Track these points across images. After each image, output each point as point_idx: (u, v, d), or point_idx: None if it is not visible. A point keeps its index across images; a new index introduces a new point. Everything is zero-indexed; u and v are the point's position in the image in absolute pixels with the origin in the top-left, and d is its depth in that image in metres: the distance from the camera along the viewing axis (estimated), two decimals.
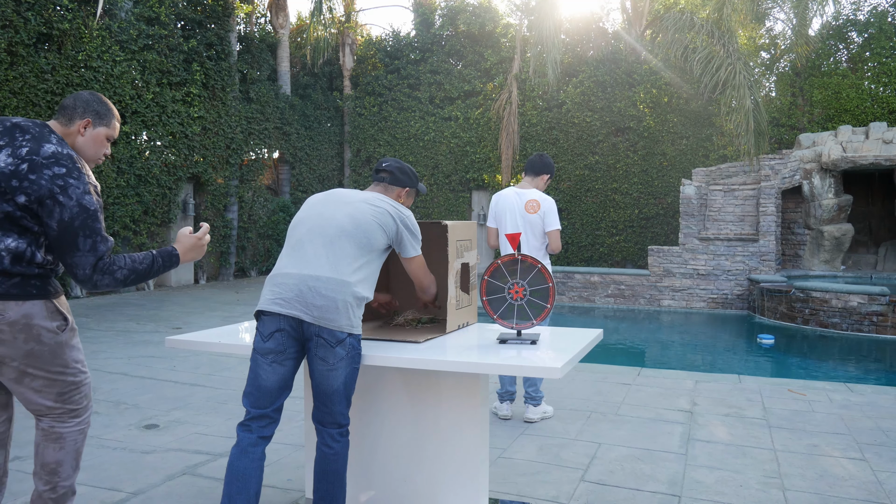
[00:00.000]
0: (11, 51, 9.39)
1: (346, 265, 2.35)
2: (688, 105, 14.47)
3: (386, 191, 2.68)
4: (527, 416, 4.32)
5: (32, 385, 2.14)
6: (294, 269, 2.36)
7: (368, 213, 2.45)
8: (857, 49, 14.04)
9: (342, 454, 2.41)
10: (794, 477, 3.37)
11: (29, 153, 2.06)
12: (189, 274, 13.27)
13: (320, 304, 2.27)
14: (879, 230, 12.70)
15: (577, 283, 12.03)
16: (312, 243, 2.40)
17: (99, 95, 2.29)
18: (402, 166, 2.73)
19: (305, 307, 2.28)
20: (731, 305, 11.27)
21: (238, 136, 13.98)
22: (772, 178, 11.45)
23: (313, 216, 2.49)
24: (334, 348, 2.28)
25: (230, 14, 13.73)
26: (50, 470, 2.20)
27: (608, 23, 17.51)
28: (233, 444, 3.83)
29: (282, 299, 2.31)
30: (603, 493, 3.15)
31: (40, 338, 2.10)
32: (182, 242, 2.37)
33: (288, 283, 2.34)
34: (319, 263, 2.35)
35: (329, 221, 2.44)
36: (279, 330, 2.31)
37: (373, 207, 2.47)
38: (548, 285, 2.51)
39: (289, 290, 2.32)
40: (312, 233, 2.43)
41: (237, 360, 6.13)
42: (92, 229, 2.09)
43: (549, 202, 4.35)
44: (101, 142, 2.27)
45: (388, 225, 2.46)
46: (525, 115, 15.70)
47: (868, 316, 8.73)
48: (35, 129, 2.13)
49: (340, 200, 2.52)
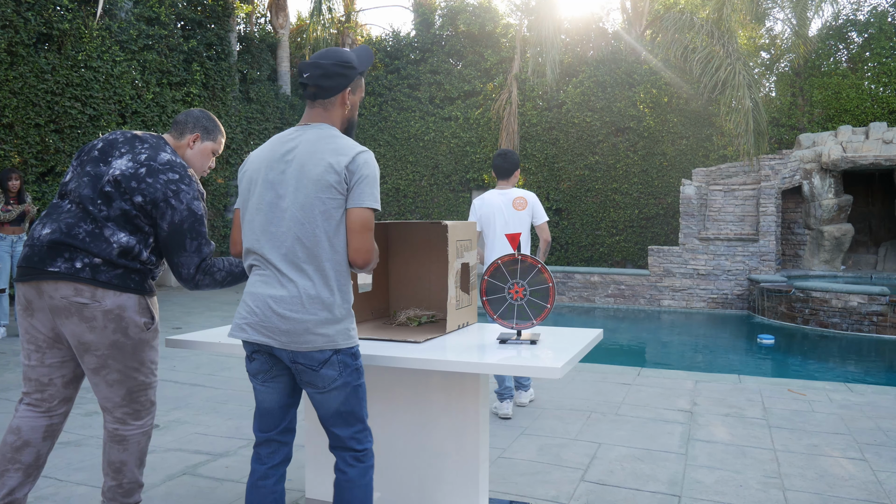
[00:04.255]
0: (11, 51, 9.39)
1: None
2: (688, 105, 14.47)
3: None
4: (518, 401, 4.61)
5: (108, 377, 2.26)
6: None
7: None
8: (857, 49, 14.04)
9: (358, 482, 2.07)
10: (794, 477, 3.37)
11: (147, 159, 2.28)
12: None
13: (285, 329, 1.97)
14: (879, 230, 12.70)
15: (577, 283, 12.03)
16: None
17: (208, 113, 2.51)
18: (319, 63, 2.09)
19: (270, 332, 1.98)
20: (731, 305, 11.27)
21: (238, 136, 13.98)
22: (772, 178, 11.45)
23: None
24: (318, 371, 1.99)
25: (230, 14, 13.73)
26: (115, 468, 2.34)
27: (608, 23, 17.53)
28: (232, 443, 3.84)
29: (246, 324, 2.04)
30: (603, 493, 3.15)
31: (127, 331, 2.24)
32: None
33: (248, 302, 2.05)
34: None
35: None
36: (256, 351, 2.08)
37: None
38: (548, 285, 2.51)
39: (251, 313, 2.03)
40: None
41: (237, 360, 6.13)
42: (198, 232, 2.29)
43: (533, 197, 4.56)
44: (207, 155, 2.51)
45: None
46: (525, 115, 15.69)
47: (868, 316, 8.73)
48: (152, 140, 2.35)
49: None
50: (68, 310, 2.17)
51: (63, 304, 2.17)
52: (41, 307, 2.22)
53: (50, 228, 2.20)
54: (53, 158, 10.01)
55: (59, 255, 2.17)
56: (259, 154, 2.12)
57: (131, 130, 2.36)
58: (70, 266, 2.16)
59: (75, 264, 2.16)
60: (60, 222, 2.21)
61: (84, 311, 2.17)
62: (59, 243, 2.18)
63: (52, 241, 2.18)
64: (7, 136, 9.36)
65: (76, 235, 2.18)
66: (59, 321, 2.20)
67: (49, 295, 2.18)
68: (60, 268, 2.15)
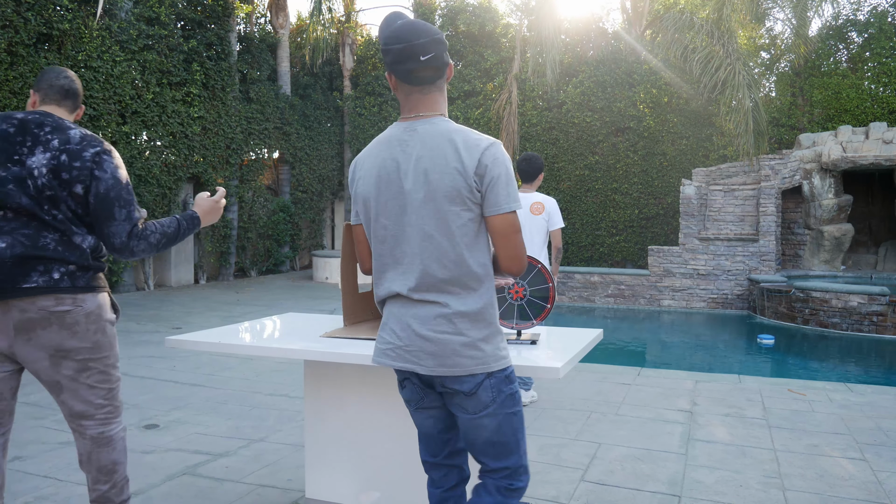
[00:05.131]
0: (11, 51, 9.39)
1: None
2: (688, 105, 14.47)
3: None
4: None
5: (89, 380, 2.23)
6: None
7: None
8: (857, 49, 14.04)
9: None
10: (794, 477, 3.37)
11: (61, 143, 2.17)
12: (189, 274, 13.27)
13: (431, 351, 1.78)
14: (879, 230, 12.69)
15: (577, 283, 12.03)
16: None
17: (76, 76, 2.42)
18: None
19: (416, 357, 1.80)
20: (731, 305, 11.27)
21: (238, 136, 13.98)
22: (772, 178, 11.45)
23: None
24: (470, 397, 1.79)
25: (230, 14, 13.73)
26: (108, 471, 2.33)
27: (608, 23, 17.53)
28: (232, 443, 3.84)
29: (390, 349, 1.84)
30: (603, 493, 3.15)
31: (105, 329, 2.24)
32: (200, 206, 2.45)
33: (390, 325, 1.87)
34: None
35: None
36: (406, 378, 1.90)
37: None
38: (548, 285, 2.51)
39: (395, 337, 1.84)
40: None
41: (237, 360, 6.13)
42: (126, 200, 2.21)
43: (552, 203, 4.59)
44: (79, 117, 2.43)
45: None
46: (525, 115, 15.69)
47: (868, 316, 8.73)
48: (50, 121, 2.23)
49: None
50: (47, 320, 2.12)
51: (40, 316, 2.12)
52: (3, 324, 2.14)
53: (5, 242, 2.10)
54: None
55: (32, 270, 2.11)
56: (370, 162, 1.86)
57: (12, 113, 2.24)
58: (48, 279, 2.12)
59: (53, 275, 2.13)
60: (15, 235, 2.11)
61: (66, 318, 2.15)
62: (28, 258, 2.11)
63: (17, 256, 2.10)
64: None
65: (45, 246, 2.12)
66: (30, 334, 2.13)
67: (21, 309, 2.11)
68: (38, 282, 2.11)
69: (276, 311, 9.07)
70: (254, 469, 3.44)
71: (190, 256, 13.34)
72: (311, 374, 2.85)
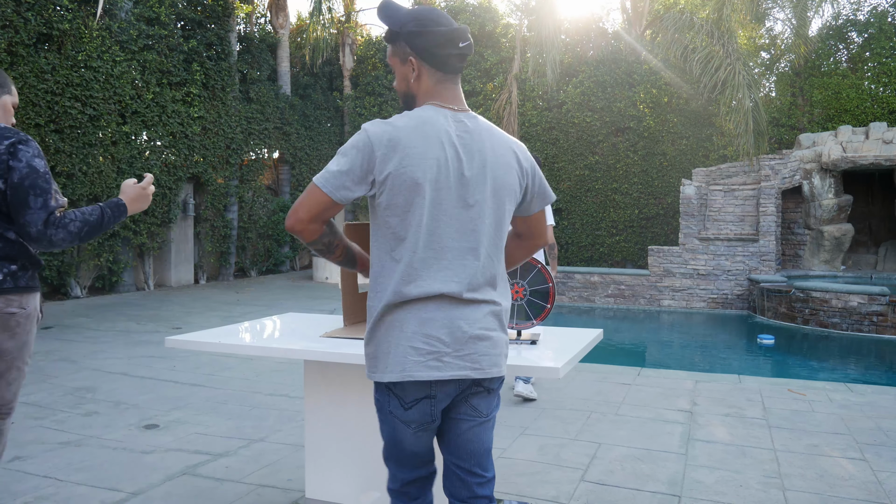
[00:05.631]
0: (11, 51, 9.39)
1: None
2: (688, 105, 14.47)
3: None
4: (516, 391, 4.74)
5: (9, 377, 2.21)
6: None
7: None
8: (857, 49, 14.04)
9: None
10: (794, 477, 3.37)
11: None
12: (189, 274, 13.27)
13: (485, 352, 1.71)
14: (879, 230, 12.69)
15: (577, 283, 12.03)
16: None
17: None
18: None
19: (473, 362, 1.69)
20: (731, 305, 11.27)
21: (238, 136, 13.98)
22: (772, 178, 11.45)
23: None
24: (492, 395, 1.78)
25: (230, 14, 13.73)
26: None
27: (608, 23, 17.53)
28: (232, 443, 3.84)
29: (433, 359, 1.67)
30: (603, 493, 3.15)
31: (34, 329, 2.23)
32: (127, 193, 2.36)
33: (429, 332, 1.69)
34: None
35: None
36: (428, 397, 1.69)
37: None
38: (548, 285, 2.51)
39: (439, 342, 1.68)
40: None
41: (237, 360, 6.13)
42: (42, 189, 2.12)
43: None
44: (9, 110, 2.32)
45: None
46: (525, 115, 15.69)
47: (868, 316, 8.73)
48: None
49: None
50: None
51: None
52: None
53: None
54: (53, 158, 10.01)
55: None
56: (421, 142, 1.66)
57: None
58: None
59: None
60: None
61: (10, 320, 2.13)
62: None
63: None
64: None
65: None
66: None
67: None
68: None
69: (276, 311, 9.07)
70: (254, 469, 3.44)
71: (190, 256, 13.34)
72: (311, 374, 2.85)
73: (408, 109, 1.79)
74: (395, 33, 1.76)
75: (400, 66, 1.77)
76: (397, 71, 1.79)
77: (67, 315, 8.92)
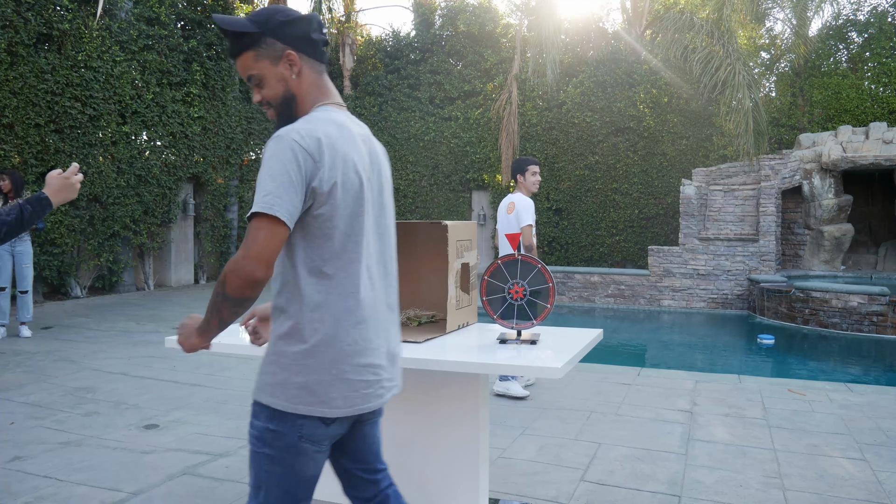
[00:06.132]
0: (11, 51, 9.39)
1: None
2: (688, 105, 14.47)
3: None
4: (494, 389, 4.80)
5: None
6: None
7: None
8: (857, 49, 14.04)
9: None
10: (794, 477, 3.37)
11: None
12: (189, 274, 13.27)
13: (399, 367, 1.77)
14: (879, 230, 12.69)
15: (577, 283, 12.03)
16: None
17: None
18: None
19: (397, 380, 1.73)
20: (731, 305, 11.27)
21: (238, 136, 13.98)
22: (772, 178, 11.45)
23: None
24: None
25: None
26: None
27: (608, 23, 17.53)
28: (232, 443, 3.84)
29: (381, 387, 1.63)
30: (603, 493, 3.15)
31: None
32: (50, 185, 2.30)
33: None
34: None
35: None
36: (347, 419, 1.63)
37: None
38: (548, 285, 2.51)
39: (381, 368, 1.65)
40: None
41: (237, 360, 6.13)
42: None
43: (522, 202, 4.81)
44: None
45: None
46: (525, 115, 15.69)
47: (868, 316, 8.72)
48: None
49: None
50: None
51: None
52: None
53: None
54: (53, 158, 10.01)
55: None
56: (344, 146, 1.56)
57: None
58: None
59: None
60: None
61: None
62: None
63: None
64: (7, 136, 9.36)
65: None
66: None
67: None
68: None
69: None
70: None
71: (190, 256, 13.34)
72: None
73: (287, 115, 1.61)
74: (257, 34, 1.58)
75: (271, 68, 1.60)
76: (268, 76, 1.60)
77: (67, 315, 8.92)
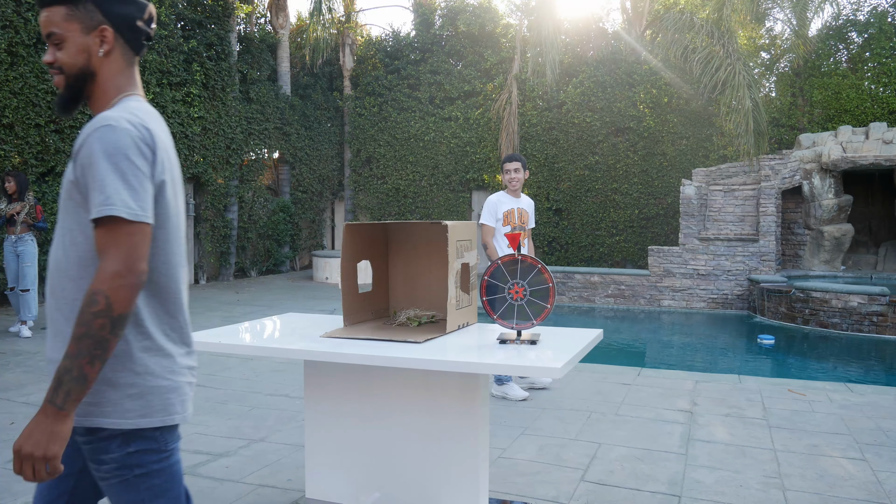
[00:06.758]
0: (11, 51, 9.39)
1: None
2: (688, 105, 14.47)
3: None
4: (492, 392, 4.81)
5: None
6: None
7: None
8: (857, 49, 14.03)
9: None
10: (794, 477, 3.37)
11: None
12: (189, 274, 13.28)
13: None
14: (879, 230, 12.69)
15: (577, 283, 12.03)
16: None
17: None
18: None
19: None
20: (732, 305, 11.27)
21: (238, 136, 13.98)
22: (772, 179, 11.45)
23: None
24: None
25: (230, 14, 13.73)
26: None
27: (608, 23, 17.53)
28: (232, 443, 3.84)
29: (189, 398, 1.63)
30: (603, 493, 3.15)
31: None
32: None
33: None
34: None
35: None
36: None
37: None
38: (548, 285, 2.51)
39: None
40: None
41: (237, 360, 6.13)
42: None
43: (487, 201, 4.96)
44: None
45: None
46: (525, 116, 15.69)
47: (868, 316, 8.72)
48: None
49: None
50: None
51: None
52: None
53: None
54: (53, 158, 10.01)
55: None
56: (165, 140, 1.48)
57: None
58: None
59: None
60: None
61: None
62: None
63: None
64: (7, 136, 9.36)
65: None
66: None
67: None
68: None
69: (276, 311, 9.06)
70: (254, 469, 3.44)
71: (190, 256, 13.35)
72: (311, 374, 2.85)
73: (77, 90, 1.45)
74: None
75: (79, 35, 1.43)
76: (72, 41, 1.43)
77: None
